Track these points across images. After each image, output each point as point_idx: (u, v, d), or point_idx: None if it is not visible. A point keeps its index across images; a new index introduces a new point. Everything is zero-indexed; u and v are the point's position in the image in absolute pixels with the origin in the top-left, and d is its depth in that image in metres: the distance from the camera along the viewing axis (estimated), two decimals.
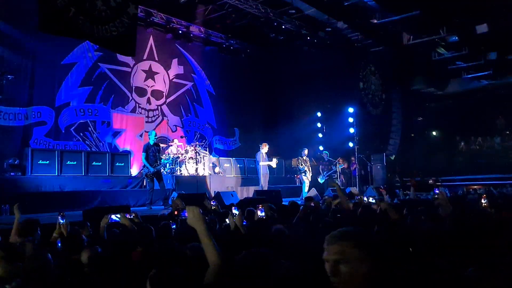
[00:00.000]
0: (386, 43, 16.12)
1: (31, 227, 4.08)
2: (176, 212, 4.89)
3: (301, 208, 6.00)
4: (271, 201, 7.86)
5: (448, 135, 20.91)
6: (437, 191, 6.06)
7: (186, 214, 2.43)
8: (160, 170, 10.24)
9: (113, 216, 4.59)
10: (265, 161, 12.33)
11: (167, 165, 12.38)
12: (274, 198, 10.14)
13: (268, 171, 12.41)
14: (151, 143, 10.08)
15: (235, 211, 4.81)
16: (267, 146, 12.53)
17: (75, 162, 10.43)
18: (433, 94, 20.02)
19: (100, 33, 6.37)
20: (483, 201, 4.82)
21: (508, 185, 15.87)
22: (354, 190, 13.52)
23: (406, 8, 12.34)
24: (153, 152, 10.00)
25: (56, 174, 9.99)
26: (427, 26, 13.77)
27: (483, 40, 14.59)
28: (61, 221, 3.93)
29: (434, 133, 21.41)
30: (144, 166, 10.24)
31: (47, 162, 9.94)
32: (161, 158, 10.60)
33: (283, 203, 9.59)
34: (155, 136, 10.41)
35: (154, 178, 9.99)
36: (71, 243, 3.53)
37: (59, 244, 3.79)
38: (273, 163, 12.51)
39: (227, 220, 4.96)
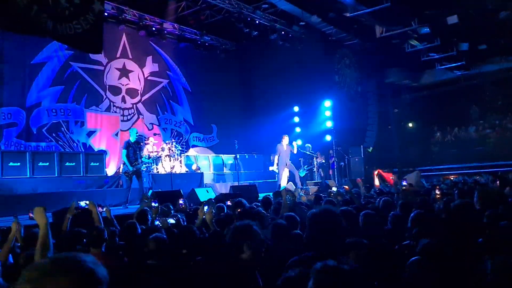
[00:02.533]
0: (360, 36, 16.25)
1: None
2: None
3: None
4: (247, 196, 7.88)
5: (424, 126, 21.20)
6: (404, 183, 6.25)
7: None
8: (140, 169, 10.09)
9: (81, 203, 4.54)
10: (283, 153, 12.21)
11: (150, 164, 12.26)
12: (250, 193, 10.14)
13: (285, 163, 12.28)
14: (132, 141, 9.94)
15: (205, 208, 4.80)
16: (287, 137, 12.43)
17: (47, 164, 10.23)
18: (408, 85, 20.27)
19: (64, 31, 6.26)
20: (437, 191, 4.95)
21: (482, 173, 16.20)
22: (331, 182, 13.65)
23: (378, 0, 12.46)
24: (133, 150, 9.88)
25: (28, 176, 9.80)
26: (399, 18, 13.91)
27: (455, 31, 14.80)
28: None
29: (410, 124, 21.68)
30: (123, 163, 10.12)
31: (18, 164, 9.74)
32: (142, 157, 10.46)
33: (259, 198, 9.60)
34: (136, 133, 10.25)
35: (134, 176, 9.88)
36: None
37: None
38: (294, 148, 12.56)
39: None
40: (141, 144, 10.82)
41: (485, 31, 15.16)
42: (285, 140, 12.32)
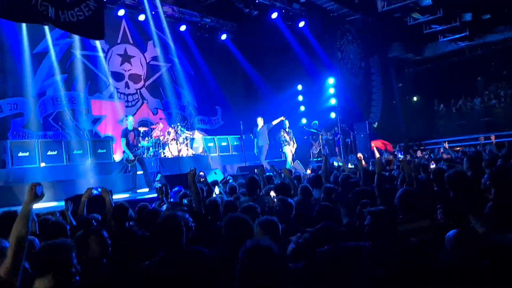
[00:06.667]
0: (361, 10, 16.07)
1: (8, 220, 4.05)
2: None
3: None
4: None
5: (429, 99, 21.10)
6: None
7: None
8: (141, 154, 10.21)
9: (94, 191, 4.64)
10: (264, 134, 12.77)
11: (150, 148, 12.36)
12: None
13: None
14: (129, 128, 10.04)
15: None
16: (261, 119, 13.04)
17: (55, 152, 10.34)
18: (411, 59, 20.11)
19: (66, 18, 6.25)
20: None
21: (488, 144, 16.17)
22: (338, 159, 13.69)
23: None
24: (131, 137, 9.97)
25: (37, 165, 9.91)
26: None
27: (457, 1, 14.61)
28: None
29: (414, 98, 21.58)
30: (123, 151, 10.23)
31: (27, 153, 9.85)
32: (140, 142, 10.56)
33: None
34: (132, 120, 10.35)
35: (136, 162, 9.99)
36: None
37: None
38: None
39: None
40: (139, 130, 10.90)
41: (489, 0, 14.93)
42: (260, 121, 12.93)
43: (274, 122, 13.04)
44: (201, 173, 7.93)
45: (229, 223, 3.05)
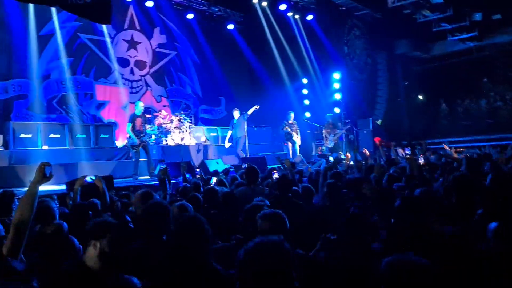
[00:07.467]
0: (371, 6, 15.95)
1: (6, 200, 4.04)
2: None
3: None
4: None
5: (434, 98, 20.99)
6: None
7: None
8: (146, 141, 10.20)
9: (87, 178, 4.58)
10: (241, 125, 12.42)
11: (153, 136, 12.33)
12: (259, 165, 10.15)
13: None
14: (137, 114, 9.99)
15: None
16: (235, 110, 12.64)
17: (59, 135, 10.35)
18: (419, 57, 19.97)
19: (73, 1, 6.21)
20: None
21: (491, 146, 16.10)
22: (340, 153, 13.62)
23: None
24: (139, 123, 9.94)
25: (40, 148, 9.91)
26: None
27: (468, 0, 14.47)
28: None
29: (420, 96, 21.46)
30: (129, 137, 10.20)
31: (30, 135, 9.85)
32: (146, 129, 10.53)
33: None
34: (142, 106, 10.28)
35: (141, 149, 9.96)
36: None
37: None
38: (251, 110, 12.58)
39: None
40: (147, 117, 10.88)
41: (500, 0, 14.78)
42: (236, 114, 12.52)
43: (249, 112, 12.85)
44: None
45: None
